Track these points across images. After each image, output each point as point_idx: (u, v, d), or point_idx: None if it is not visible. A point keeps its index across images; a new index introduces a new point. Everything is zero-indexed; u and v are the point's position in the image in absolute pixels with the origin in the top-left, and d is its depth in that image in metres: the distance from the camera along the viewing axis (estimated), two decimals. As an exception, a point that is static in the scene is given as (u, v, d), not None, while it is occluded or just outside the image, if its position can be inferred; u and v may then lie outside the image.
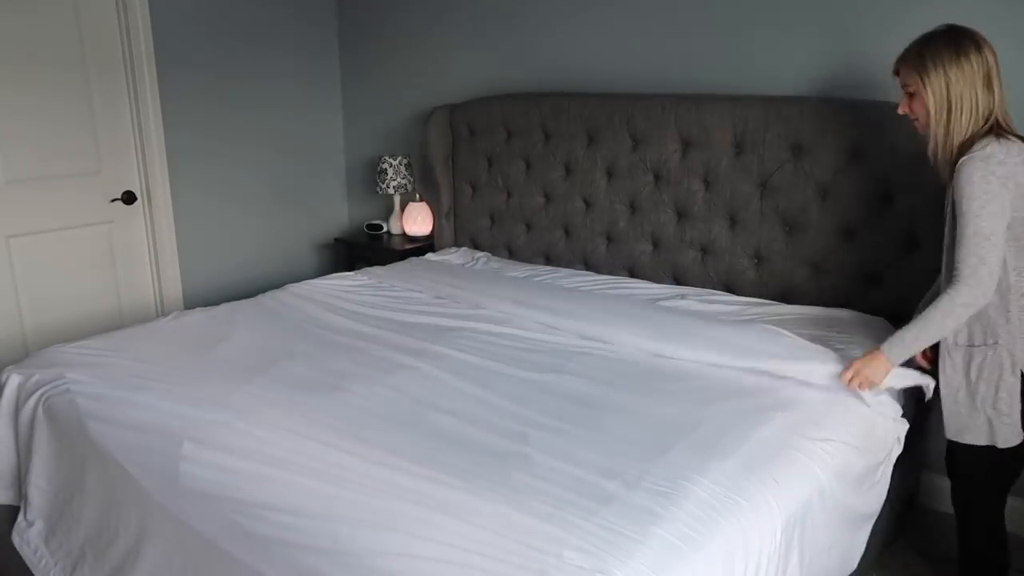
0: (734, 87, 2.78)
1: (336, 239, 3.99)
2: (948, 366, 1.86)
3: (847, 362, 1.98)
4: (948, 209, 1.82)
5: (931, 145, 1.84)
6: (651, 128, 2.85)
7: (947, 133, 1.79)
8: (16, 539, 2.05)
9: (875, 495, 1.98)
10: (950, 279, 1.78)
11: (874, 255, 2.48)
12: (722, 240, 2.76)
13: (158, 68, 3.32)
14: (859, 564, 1.97)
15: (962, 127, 1.78)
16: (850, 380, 1.94)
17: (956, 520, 2.01)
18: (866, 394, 1.95)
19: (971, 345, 1.81)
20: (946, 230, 1.84)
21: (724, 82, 2.82)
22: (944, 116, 1.79)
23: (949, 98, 1.77)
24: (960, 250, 1.73)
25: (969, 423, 1.85)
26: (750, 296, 2.69)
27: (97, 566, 1.85)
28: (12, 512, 2.15)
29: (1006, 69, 1.84)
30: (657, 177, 2.89)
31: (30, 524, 2.05)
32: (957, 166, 1.74)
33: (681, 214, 2.86)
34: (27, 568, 2.02)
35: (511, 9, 3.35)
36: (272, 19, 3.73)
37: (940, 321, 1.77)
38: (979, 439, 1.85)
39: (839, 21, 2.55)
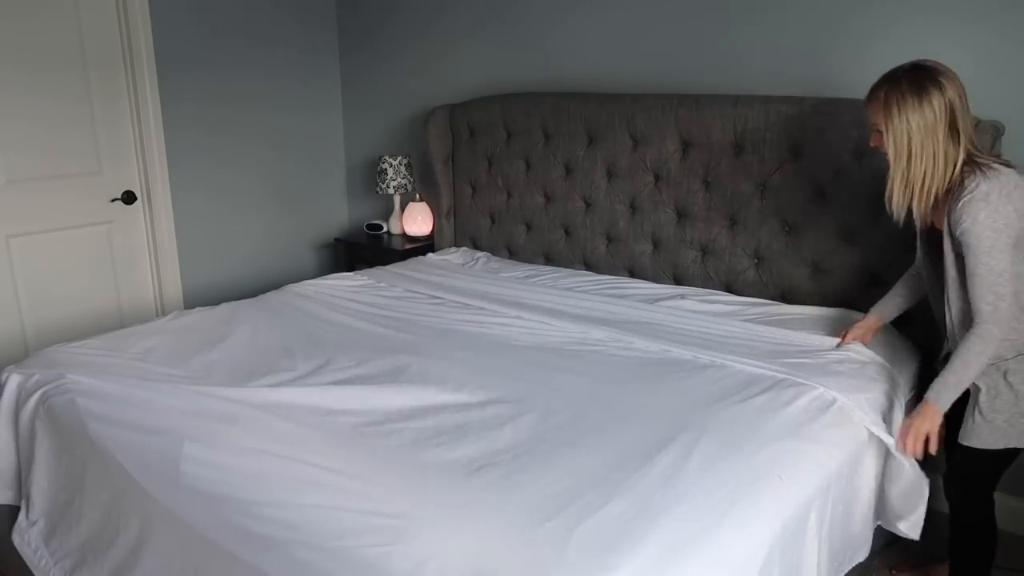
0: (734, 87, 2.78)
1: (336, 239, 3.99)
2: (993, 376, 1.87)
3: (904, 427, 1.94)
4: (947, 246, 1.83)
5: (888, 188, 1.83)
6: (651, 128, 2.85)
7: (904, 179, 1.79)
8: (16, 539, 2.05)
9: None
10: (966, 318, 1.84)
11: (874, 255, 2.48)
12: (722, 240, 2.77)
13: (158, 70, 3.32)
14: (858, 564, 1.98)
15: (920, 173, 1.78)
16: (909, 442, 1.89)
17: (954, 497, 2.01)
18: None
19: (1004, 359, 1.85)
20: (945, 266, 1.86)
21: (724, 82, 2.82)
22: (904, 162, 1.79)
23: (910, 147, 1.77)
24: (976, 288, 1.76)
25: (1008, 430, 1.87)
26: (750, 296, 2.69)
27: (97, 566, 1.85)
28: (12, 512, 2.15)
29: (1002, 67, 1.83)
30: (657, 177, 2.89)
31: (31, 524, 2.05)
32: (958, 209, 1.74)
33: (681, 214, 2.86)
34: (27, 568, 2.02)
35: (511, 9, 3.35)
36: (272, 20, 3.73)
37: (976, 360, 1.79)
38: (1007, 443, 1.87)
39: (839, 21, 2.55)
